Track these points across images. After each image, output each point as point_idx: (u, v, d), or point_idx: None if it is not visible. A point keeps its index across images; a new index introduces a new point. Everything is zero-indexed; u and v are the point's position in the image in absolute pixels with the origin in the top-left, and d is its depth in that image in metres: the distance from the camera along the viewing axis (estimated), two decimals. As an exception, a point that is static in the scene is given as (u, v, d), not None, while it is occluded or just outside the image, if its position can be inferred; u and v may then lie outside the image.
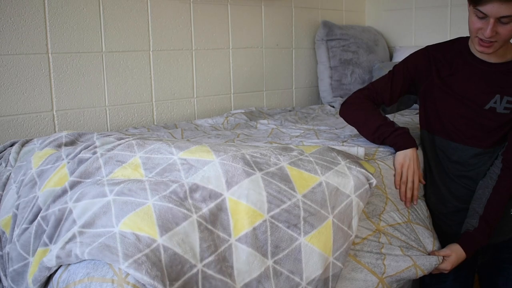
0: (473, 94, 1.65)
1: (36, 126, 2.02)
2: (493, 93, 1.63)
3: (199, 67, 2.51)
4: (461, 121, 1.68)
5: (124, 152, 1.40)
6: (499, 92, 1.62)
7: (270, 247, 1.21)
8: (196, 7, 2.48)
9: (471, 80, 1.66)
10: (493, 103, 1.63)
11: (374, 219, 1.51)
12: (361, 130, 1.75)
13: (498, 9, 1.47)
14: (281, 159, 1.35)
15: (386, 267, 1.44)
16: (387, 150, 1.72)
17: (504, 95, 1.62)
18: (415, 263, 1.48)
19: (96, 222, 1.16)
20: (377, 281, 1.41)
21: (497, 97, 1.62)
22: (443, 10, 3.01)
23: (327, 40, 2.97)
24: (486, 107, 1.64)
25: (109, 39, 2.19)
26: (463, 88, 1.67)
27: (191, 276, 1.10)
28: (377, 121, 1.68)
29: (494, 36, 1.52)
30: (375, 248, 1.45)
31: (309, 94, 3.09)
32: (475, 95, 1.65)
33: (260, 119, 2.38)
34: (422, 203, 1.72)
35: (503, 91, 1.62)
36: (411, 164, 1.61)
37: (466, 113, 1.67)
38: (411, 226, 1.59)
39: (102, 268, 1.07)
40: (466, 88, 1.66)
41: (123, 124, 2.28)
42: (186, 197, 1.19)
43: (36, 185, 1.42)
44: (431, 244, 1.60)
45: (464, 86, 1.67)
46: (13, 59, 1.94)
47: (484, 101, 1.64)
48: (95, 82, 2.17)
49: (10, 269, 1.32)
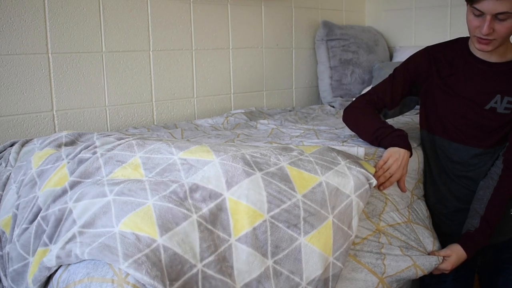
0: (474, 94, 1.65)
1: (36, 126, 2.02)
2: (493, 93, 1.63)
3: (199, 67, 2.52)
4: (461, 121, 1.67)
5: (124, 152, 1.40)
6: (499, 92, 1.62)
7: (270, 247, 1.21)
8: (196, 7, 2.48)
9: (471, 80, 1.66)
10: (494, 103, 1.63)
11: (374, 219, 1.51)
12: (361, 133, 1.75)
13: (493, 5, 1.47)
14: (281, 159, 1.35)
15: (386, 267, 1.44)
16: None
17: (505, 95, 1.62)
18: (415, 263, 1.48)
19: (96, 222, 1.16)
20: (377, 281, 1.41)
21: (497, 97, 1.62)
22: (443, 10, 3.01)
23: (327, 40, 2.96)
24: (487, 107, 1.63)
25: (109, 39, 2.19)
26: (464, 88, 1.66)
27: (191, 276, 1.10)
28: (377, 124, 1.68)
29: (492, 34, 1.52)
30: (375, 248, 1.45)
31: (309, 94, 3.09)
32: (476, 95, 1.65)
33: (260, 119, 2.38)
34: (422, 203, 1.72)
35: (503, 91, 1.62)
36: (400, 160, 1.58)
37: (466, 113, 1.66)
38: (411, 226, 1.59)
39: (102, 268, 1.07)
40: (466, 88, 1.66)
41: (123, 124, 2.28)
42: (186, 197, 1.19)
43: (36, 185, 1.42)
44: (431, 244, 1.60)
45: (464, 86, 1.66)
46: (13, 59, 1.94)
47: (485, 101, 1.64)
48: (95, 82, 2.17)
49: (10, 269, 1.32)
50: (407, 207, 1.63)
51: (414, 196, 1.70)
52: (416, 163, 1.74)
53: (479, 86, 1.65)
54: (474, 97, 1.65)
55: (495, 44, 1.56)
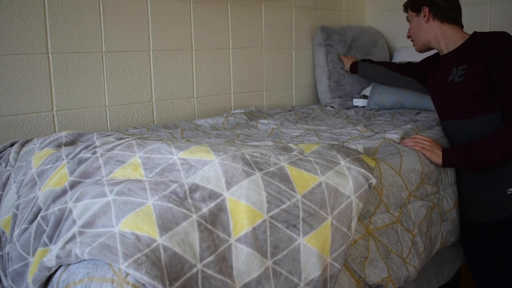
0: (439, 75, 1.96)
1: (36, 126, 2.02)
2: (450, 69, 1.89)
3: (199, 67, 2.52)
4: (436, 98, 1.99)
5: (124, 152, 1.40)
6: (453, 66, 1.87)
7: (269, 247, 1.21)
8: (196, 7, 2.48)
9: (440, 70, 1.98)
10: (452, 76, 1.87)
11: (365, 221, 1.51)
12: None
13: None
14: (281, 159, 1.35)
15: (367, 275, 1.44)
16: (387, 150, 1.72)
17: (458, 66, 1.85)
18: (390, 276, 1.49)
19: (96, 222, 1.16)
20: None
21: (454, 70, 1.86)
22: (443, 10, 3.01)
23: (325, 45, 2.97)
24: (448, 80, 1.88)
25: (109, 39, 2.19)
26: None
27: (191, 276, 1.10)
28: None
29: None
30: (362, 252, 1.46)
31: (309, 94, 3.09)
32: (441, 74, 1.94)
33: (260, 119, 2.38)
34: (423, 209, 1.71)
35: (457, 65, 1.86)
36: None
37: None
38: (397, 227, 1.59)
39: (102, 268, 1.07)
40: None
41: (123, 124, 2.28)
42: (186, 197, 1.19)
43: (36, 185, 1.42)
44: (407, 249, 1.60)
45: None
46: (13, 59, 1.94)
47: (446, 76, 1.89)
48: (95, 82, 2.17)
49: (10, 269, 1.33)
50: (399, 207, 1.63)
51: (411, 198, 1.70)
52: (418, 162, 1.74)
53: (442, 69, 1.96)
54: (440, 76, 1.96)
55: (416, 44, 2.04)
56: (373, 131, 2.07)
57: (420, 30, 1.98)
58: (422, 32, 1.98)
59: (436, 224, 1.78)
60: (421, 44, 2.01)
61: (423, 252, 1.65)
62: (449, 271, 2.00)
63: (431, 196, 1.79)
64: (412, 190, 1.69)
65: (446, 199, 1.85)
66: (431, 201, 1.77)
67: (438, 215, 1.79)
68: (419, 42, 2.02)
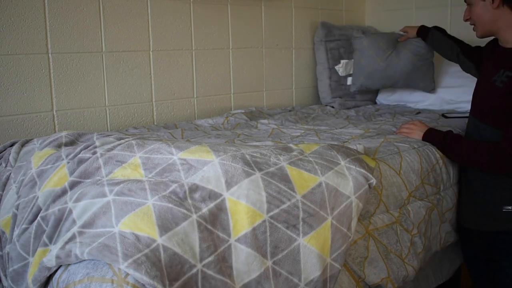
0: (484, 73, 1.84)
1: (36, 126, 2.02)
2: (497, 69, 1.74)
3: (199, 67, 2.52)
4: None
5: (124, 152, 1.40)
6: (503, 67, 1.72)
7: (269, 248, 1.21)
8: (196, 7, 2.48)
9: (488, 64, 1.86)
10: (496, 77, 1.73)
11: (364, 221, 1.51)
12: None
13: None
14: (281, 159, 1.35)
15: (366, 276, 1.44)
16: (387, 150, 1.72)
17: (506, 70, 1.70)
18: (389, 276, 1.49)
19: (95, 222, 1.16)
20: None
21: (501, 72, 1.72)
22: (443, 10, 3.01)
23: (326, 41, 2.96)
24: (492, 79, 1.75)
25: (109, 39, 2.19)
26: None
27: (191, 276, 1.10)
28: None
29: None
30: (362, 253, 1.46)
31: (309, 94, 3.09)
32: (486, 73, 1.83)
33: (260, 119, 2.38)
34: (422, 209, 1.71)
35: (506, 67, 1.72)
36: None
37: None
38: (396, 227, 1.59)
39: (102, 268, 1.07)
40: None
41: (123, 124, 2.28)
42: (185, 197, 1.19)
43: (36, 185, 1.42)
44: (406, 249, 1.60)
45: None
46: (13, 59, 1.94)
47: (491, 76, 1.76)
48: (95, 82, 2.17)
49: (10, 269, 1.33)
50: (398, 208, 1.63)
51: (411, 198, 1.70)
52: (418, 163, 1.74)
53: (490, 66, 1.83)
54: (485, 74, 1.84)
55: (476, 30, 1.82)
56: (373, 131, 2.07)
57: (485, 16, 1.74)
58: (488, 18, 1.74)
59: (435, 225, 1.78)
60: (485, 31, 1.78)
61: (422, 252, 1.65)
62: (448, 270, 2.00)
63: (431, 196, 1.79)
64: (412, 190, 1.69)
65: (446, 199, 1.85)
66: (431, 202, 1.77)
67: (438, 216, 1.79)
68: (483, 29, 1.78)
